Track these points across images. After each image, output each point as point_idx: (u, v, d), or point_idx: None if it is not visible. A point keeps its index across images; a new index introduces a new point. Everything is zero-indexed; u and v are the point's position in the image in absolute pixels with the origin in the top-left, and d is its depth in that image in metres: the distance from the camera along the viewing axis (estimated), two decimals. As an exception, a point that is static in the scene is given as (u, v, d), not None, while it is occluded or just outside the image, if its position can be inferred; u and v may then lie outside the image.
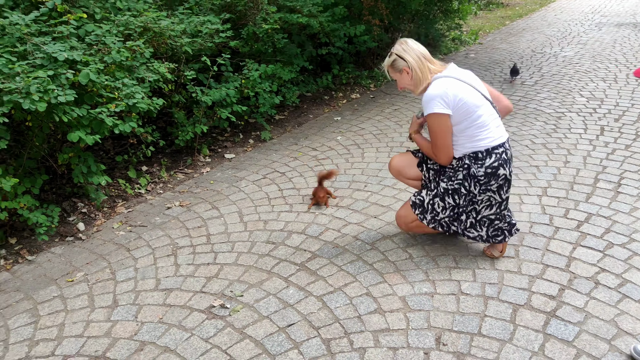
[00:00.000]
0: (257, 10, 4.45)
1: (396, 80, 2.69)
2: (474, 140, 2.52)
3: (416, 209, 2.73)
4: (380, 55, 6.93)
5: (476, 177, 2.54)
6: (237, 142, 4.63)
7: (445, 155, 2.59)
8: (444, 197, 2.64)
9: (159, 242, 3.12)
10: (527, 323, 2.33)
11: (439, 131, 2.52)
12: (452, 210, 2.64)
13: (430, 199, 2.68)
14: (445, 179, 2.66)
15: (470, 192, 2.58)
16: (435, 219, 2.70)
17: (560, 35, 8.69)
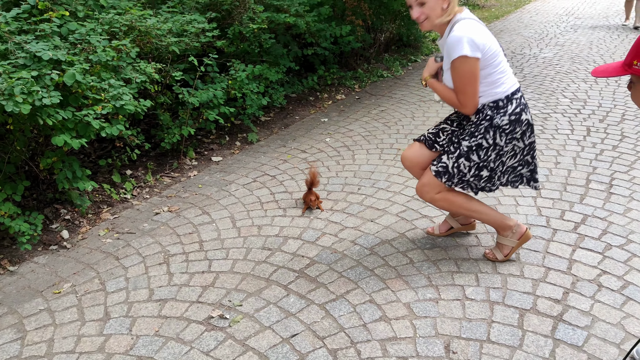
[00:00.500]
0: (243, 9, 4.34)
1: (424, 4, 2.35)
2: (494, 87, 2.41)
3: (442, 177, 2.57)
4: (362, 56, 6.89)
5: (501, 127, 2.44)
6: (223, 144, 4.52)
7: (472, 103, 2.42)
8: (468, 155, 2.51)
9: (149, 249, 3.00)
10: (535, 328, 2.30)
11: (469, 76, 2.34)
12: (476, 168, 2.52)
13: (454, 162, 2.54)
14: (466, 137, 2.52)
15: (497, 145, 2.47)
16: (462, 180, 2.56)
17: (538, 37, 8.79)
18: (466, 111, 2.47)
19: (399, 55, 7.46)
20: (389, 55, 7.33)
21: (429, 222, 3.18)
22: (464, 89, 2.39)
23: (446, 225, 2.99)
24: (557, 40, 8.42)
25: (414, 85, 6.20)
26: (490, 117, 2.45)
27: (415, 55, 7.57)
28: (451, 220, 2.97)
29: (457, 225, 2.98)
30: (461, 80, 2.37)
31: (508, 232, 2.72)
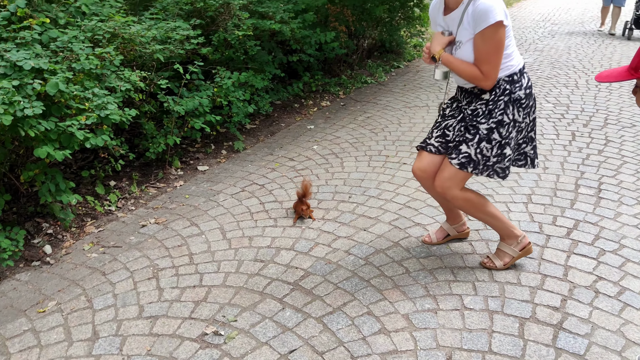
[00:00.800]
0: (228, 16, 4.27)
1: None
2: (509, 59, 2.36)
3: (467, 168, 2.49)
4: (346, 63, 6.87)
5: (519, 102, 2.40)
6: (209, 153, 4.43)
7: (495, 74, 2.32)
8: (489, 137, 2.44)
9: (137, 264, 2.90)
10: (536, 337, 2.28)
11: (499, 45, 2.26)
12: (499, 147, 2.45)
13: (475, 148, 2.46)
14: (483, 119, 2.45)
15: (516, 121, 2.43)
16: (487, 165, 2.49)
17: (517, 43, 8.89)
18: (487, 84, 2.36)
19: (381, 61, 7.46)
20: (372, 61, 7.33)
21: (423, 230, 3.15)
22: (490, 58, 2.29)
23: (443, 232, 2.96)
24: (536, 46, 8.53)
25: (399, 91, 6.20)
26: (509, 91, 2.40)
27: (397, 61, 7.58)
28: (448, 228, 2.94)
29: (454, 233, 2.96)
30: (491, 49, 2.27)
31: (513, 242, 2.70)
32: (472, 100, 2.51)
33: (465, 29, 2.32)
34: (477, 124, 2.46)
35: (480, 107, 2.47)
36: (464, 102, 2.58)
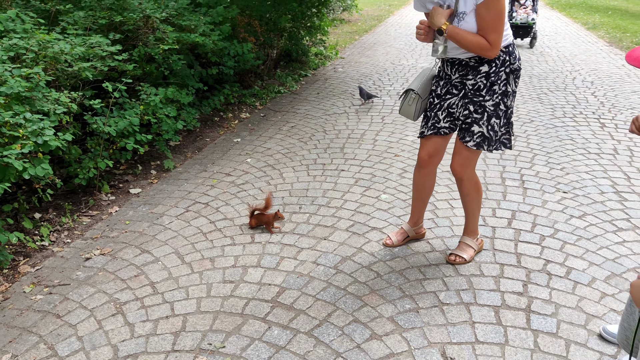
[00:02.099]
0: (149, 29, 4.07)
1: None
2: (506, 28, 2.44)
3: (484, 146, 2.58)
4: (255, 73, 6.84)
5: (516, 72, 2.50)
6: (138, 174, 4.18)
7: (500, 42, 2.38)
8: (496, 111, 2.53)
9: (94, 300, 2.67)
10: (513, 323, 2.45)
11: (502, 12, 2.32)
12: (505, 117, 2.54)
13: (487, 126, 2.54)
14: (486, 96, 2.51)
15: (514, 92, 2.53)
16: (497, 140, 2.60)
17: (409, 48, 9.44)
18: (493, 53, 2.40)
19: (289, 71, 7.53)
20: (280, 71, 7.37)
21: (380, 233, 3.24)
22: (497, 26, 2.34)
23: (403, 234, 3.07)
24: (427, 51, 9.12)
25: (313, 99, 6.30)
26: (508, 62, 2.49)
27: (304, 70, 7.70)
28: (408, 229, 3.06)
29: (413, 234, 3.08)
30: (497, 16, 2.32)
31: (475, 237, 2.88)
32: (468, 74, 2.54)
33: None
34: (483, 101, 2.52)
35: (480, 81, 2.52)
36: (455, 75, 2.59)
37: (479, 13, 2.37)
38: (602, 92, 6.40)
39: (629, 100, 6.08)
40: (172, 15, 4.19)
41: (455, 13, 2.44)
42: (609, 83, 6.85)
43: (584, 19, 13.17)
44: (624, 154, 4.47)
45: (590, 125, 5.21)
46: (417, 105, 2.73)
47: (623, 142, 4.74)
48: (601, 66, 7.86)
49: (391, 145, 4.71)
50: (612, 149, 4.57)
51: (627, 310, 1.74)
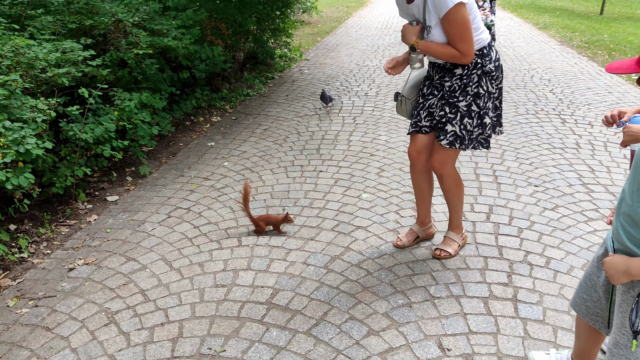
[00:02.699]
0: (120, 34, 4.00)
1: None
2: (478, 33, 2.53)
3: (456, 144, 2.67)
4: (222, 77, 6.79)
5: (490, 74, 2.59)
6: (114, 181, 4.10)
7: (472, 48, 2.49)
8: (469, 111, 2.62)
9: (84, 311, 2.61)
10: (502, 312, 2.55)
11: (466, 22, 2.43)
12: (478, 117, 2.63)
13: (459, 125, 2.64)
14: (459, 97, 2.62)
15: (490, 93, 2.61)
16: (472, 138, 2.68)
17: (372, 50, 9.58)
18: (466, 60, 2.52)
19: (256, 73, 7.51)
20: (247, 74, 7.34)
21: (366, 232, 3.30)
22: (464, 36, 2.46)
23: (413, 234, 3.12)
24: (390, 52, 9.28)
25: (283, 101, 6.32)
26: (480, 64, 2.58)
27: (270, 72, 7.70)
28: (418, 230, 3.12)
29: (422, 234, 3.14)
30: (460, 28, 2.44)
31: (460, 232, 2.97)
32: (445, 75, 2.66)
33: (430, 13, 2.49)
34: (456, 101, 2.63)
35: (455, 82, 2.64)
36: (436, 77, 2.72)
37: (443, 26, 2.50)
38: (560, 89, 6.68)
39: (584, 96, 6.38)
40: (143, 19, 4.13)
41: (424, 26, 2.57)
42: (564, 80, 7.15)
43: (535, 19, 13.68)
44: (586, 147, 4.69)
45: (552, 121, 5.44)
46: (408, 106, 2.83)
47: (584, 136, 4.97)
48: (556, 64, 8.19)
49: (366, 145, 4.79)
50: (574, 143, 4.79)
51: (586, 283, 1.84)
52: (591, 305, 1.83)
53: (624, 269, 1.45)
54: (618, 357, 1.57)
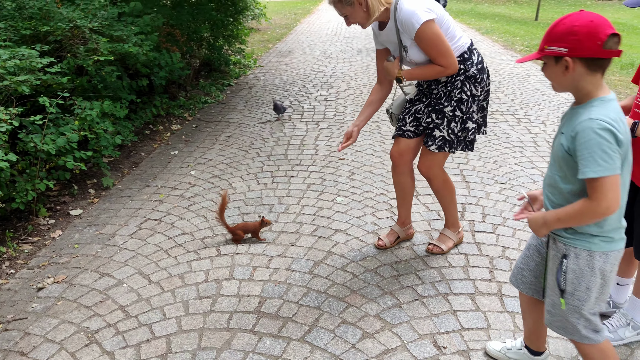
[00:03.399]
0: (78, 40, 3.82)
1: (347, 16, 2.57)
2: (455, 40, 2.59)
3: (445, 148, 2.70)
4: (177, 84, 6.64)
5: (474, 78, 2.63)
6: (75, 194, 3.90)
7: (453, 59, 2.55)
8: (454, 116, 2.67)
9: (61, 332, 2.46)
10: (490, 307, 2.60)
11: (438, 37, 2.49)
12: (461, 122, 2.68)
13: (447, 130, 2.69)
14: (445, 102, 2.67)
15: (475, 96, 2.65)
16: (459, 141, 2.73)
17: (325, 55, 9.63)
18: (451, 71, 2.57)
19: (211, 80, 7.39)
20: (203, 81, 7.21)
21: (345, 235, 3.29)
22: (441, 50, 2.52)
23: (394, 235, 3.13)
24: (343, 58, 9.36)
25: (243, 108, 6.24)
26: (463, 69, 2.63)
27: (226, 79, 7.59)
28: (399, 230, 3.13)
29: (403, 235, 3.15)
30: (435, 42, 2.51)
31: (456, 230, 3.01)
32: (432, 83, 2.73)
33: (403, 33, 2.56)
34: (443, 107, 2.69)
35: (441, 90, 2.70)
36: (424, 85, 2.78)
37: (419, 46, 2.58)
38: (510, 91, 6.94)
39: (534, 97, 6.65)
40: (102, 25, 3.96)
41: (401, 47, 2.66)
42: (513, 82, 7.44)
43: (477, 25, 14.19)
44: (543, 145, 4.88)
45: (507, 121, 5.63)
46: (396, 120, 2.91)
47: (540, 135, 5.18)
48: (503, 67, 8.51)
49: (333, 150, 4.79)
50: (532, 141, 4.98)
51: (524, 254, 1.99)
52: (527, 274, 1.97)
53: (542, 222, 1.71)
54: (556, 316, 1.80)
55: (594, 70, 1.58)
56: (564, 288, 1.73)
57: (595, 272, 1.68)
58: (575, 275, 1.70)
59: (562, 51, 1.58)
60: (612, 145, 1.52)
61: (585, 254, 1.68)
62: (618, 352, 2.30)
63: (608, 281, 1.71)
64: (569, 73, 1.60)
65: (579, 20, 1.56)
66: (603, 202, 1.54)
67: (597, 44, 1.53)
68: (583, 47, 1.55)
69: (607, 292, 1.74)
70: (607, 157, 1.51)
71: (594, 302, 1.73)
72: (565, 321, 1.78)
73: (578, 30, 1.54)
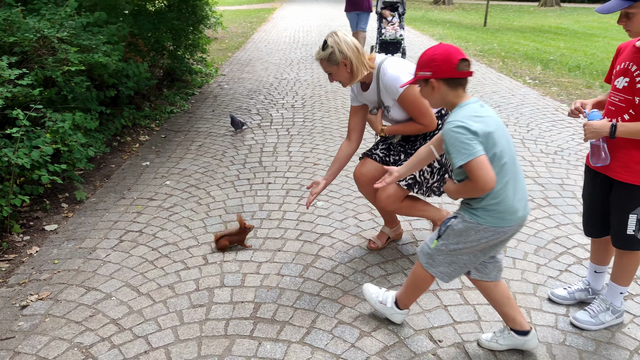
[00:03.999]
0: (46, 50, 3.73)
1: (331, 74, 2.69)
2: None
3: (414, 189, 2.79)
4: (143, 95, 6.54)
5: None
6: (48, 209, 3.79)
7: (432, 118, 2.70)
8: (431, 166, 2.77)
9: (53, 349, 2.39)
10: (478, 300, 2.70)
11: (420, 99, 2.58)
12: (438, 173, 2.80)
13: (420, 173, 2.77)
14: None
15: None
16: (427, 187, 2.83)
17: (286, 63, 9.68)
18: (431, 128, 2.74)
19: (175, 90, 7.30)
20: (167, 91, 7.12)
21: (330, 238, 3.34)
22: (422, 110, 2.67)
23: (384, 236, 3.20)
24: (305, 65, 9.44)
25: (210, 117, 6.21)
26: (441, 124, 2.76)
27: (189, 88, 7.53)
28: (388, 231, 3.19)
29: (393, 235, 3.22)
30: (416, 105, 2.66)
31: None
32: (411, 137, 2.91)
33: (385, 95, 2.71)
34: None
35: (419, 140, 2.86)
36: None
37: (401, 106, 2.74)
38: (470, 93, 7.16)
39: (492, 99, 6.92)
40: (70, 35, 3.88)
41: (382, 107, 2.82)
42: (471, 86, 7.70)
43: (431, 31, 14.59)
44: (507, 145, 5.07)
45: (471, 123, 5.82)
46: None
47: (503, 135, 5.38)
48: (460, 72, 8.78)
49: (306, 155, 4.84)
50: (496, 142, 5.17)
51: (432, 234, 2.25)
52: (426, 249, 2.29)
53: (452, 190, 2.09)
54: (425, 248, 2.24)
55: (454, 87, 1.99)
56: (440, 234, 2.15)
57: (469, 234, 2.08)
58: (452, 231, 2.10)
59: (428, 74, 1.99)
60: (467, 135, 1.89)
61: (467, 219, 2.07)
62: (599, 335, 2.44)
63: (473, 247, 2.10)
64: (435, 92, 2.00)
65: (437, 50, 1.98)
66: (479, 180, 1.91)
67: (452, 67, 1.94)
68: (442, 70, 1.96)
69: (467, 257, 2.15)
70: (467, 146, 1.89)
71: (453, 254, 2.15)
72: (430, 254, 2.21)
73: (437, 58, 1.96)
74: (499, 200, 2.00)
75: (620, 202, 2.30)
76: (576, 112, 2.32)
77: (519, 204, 2.04)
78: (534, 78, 8.38)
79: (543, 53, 10.83)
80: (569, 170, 4.46)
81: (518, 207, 2.04)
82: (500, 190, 1.99)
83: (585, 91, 7.47)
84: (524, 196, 2.07)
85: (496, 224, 2.04)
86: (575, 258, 3.11)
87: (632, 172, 2.22)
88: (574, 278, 2.91)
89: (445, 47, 1.98)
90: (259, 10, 22.35)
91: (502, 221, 2.04)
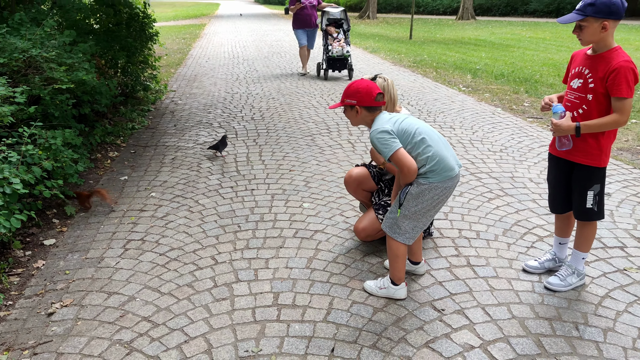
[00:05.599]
0: (32, 70, 3.82)
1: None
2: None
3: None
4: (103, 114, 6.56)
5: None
6: (41, 225, 3.85)
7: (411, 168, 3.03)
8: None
9: (96, 347, 2.55)
10: (466, 275, 3.13)
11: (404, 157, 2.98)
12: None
13: (379, 197, 3.18)
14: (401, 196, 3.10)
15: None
16: (382, 205, 3.24)
17: (233, 78, 9.91)
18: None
19: (130, 107, 7.35)
20: (123, 107, 7.16)
21: (325, 234, 3.66)
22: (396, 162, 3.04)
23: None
24: (252, 79, 9.72)
25: (174, 132, 6.35)
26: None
27: (144, 105, 7.60)
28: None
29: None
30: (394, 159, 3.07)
31: None
32: None
33: None
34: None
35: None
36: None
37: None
38: (415, 102, 7.77)
39: (435, 106, 7.53)
40: (57, 54, 3.97)
41: None
42: (413, 94, 8.31)
43: (363, 44, 15.30)
44: (458, 146, 5.63)
45: (422, 128, 6.36)
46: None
47: (453, 137, 5.95)
48: (400, 82, 9.41)
49: (280, 163, 5.14)
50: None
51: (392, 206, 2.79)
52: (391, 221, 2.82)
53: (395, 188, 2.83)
54: (389, 220, 2.77)
55: (373, 112, 2.70)
56: (401, 202, 2.68)
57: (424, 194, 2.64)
58: (411, 195, 2.65)
59: (354, 102, 2.69)
60: (387, 135, 2.57)
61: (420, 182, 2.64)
62: (569, 294, 2.93)
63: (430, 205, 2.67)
64: (359, 115, 2.71)
65: (361, 84, 2.67)
66: (404, 166, 2.58)
67: (372, 98, 2.66)
68: (364, 100, 2.66)
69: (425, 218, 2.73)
70: (387, 144, 2.56)
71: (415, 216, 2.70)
72: (396, 224, 2.73)
73: (361, 90, 2.66)
74: (437, 160, 2.59)
75: (581, 181, 2.80)
76: (546, 107, 2.81)
77: (452, 161, 2.65)
78: (467, 86, 9.14)
79: (469, 63, 11.73)
80: (515, 165, 5.05)
81: (452, 163, 2.65)
82: (434, 154, 2.59)
83: (513, 96, 8.28)
84: (452, 154, 2.69)
85: (442, 179, 2.62)
86: (537, 236, 3.63)
87: (590, 156, 2.73)
88: (539, 252, 3.40)
89: (367, 83, 2.67)
90: (190, 26, 22.33)
91: (445, 177, 2.62)
